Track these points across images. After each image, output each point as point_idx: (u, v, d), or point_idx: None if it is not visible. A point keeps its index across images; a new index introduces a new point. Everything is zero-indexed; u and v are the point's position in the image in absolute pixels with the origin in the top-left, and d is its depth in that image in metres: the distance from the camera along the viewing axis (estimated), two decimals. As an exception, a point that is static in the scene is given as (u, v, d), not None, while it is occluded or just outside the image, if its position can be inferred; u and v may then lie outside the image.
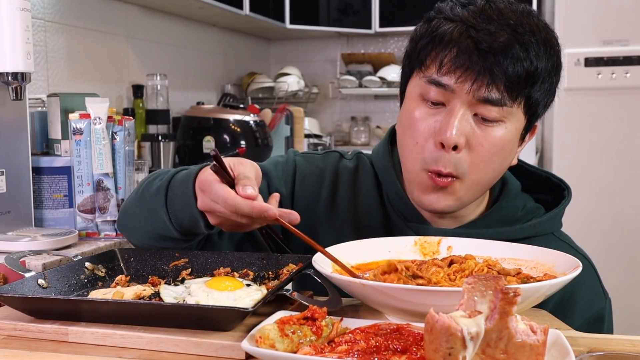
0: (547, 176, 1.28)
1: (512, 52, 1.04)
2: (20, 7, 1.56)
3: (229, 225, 1.01)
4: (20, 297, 0.89)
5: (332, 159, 1.32)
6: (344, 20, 4.27)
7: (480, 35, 1.04)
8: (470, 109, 1.07)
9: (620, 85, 3.45)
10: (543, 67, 1.07)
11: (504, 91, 1.05)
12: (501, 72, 1.04)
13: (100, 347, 0.84)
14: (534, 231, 1.18)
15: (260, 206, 0.95)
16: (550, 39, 1.09)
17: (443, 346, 0.64)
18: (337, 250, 1.02)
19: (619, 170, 3.48)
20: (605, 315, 1.18)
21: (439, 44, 1.08)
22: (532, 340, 0.66)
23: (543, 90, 1.09)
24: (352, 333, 0.76)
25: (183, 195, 1.06)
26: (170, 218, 1.08)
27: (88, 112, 1.71)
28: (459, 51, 1.05)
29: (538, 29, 1.08)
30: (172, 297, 0.94)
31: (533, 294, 0.83)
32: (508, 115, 1.08)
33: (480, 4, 1.09)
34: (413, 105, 1.12)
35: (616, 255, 3.45)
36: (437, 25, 1.09)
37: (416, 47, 1.12)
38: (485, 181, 1.13)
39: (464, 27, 1.06)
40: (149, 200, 1.12)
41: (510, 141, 1.10)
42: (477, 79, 1.04)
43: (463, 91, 1.06)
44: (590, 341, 0.85)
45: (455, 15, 1.08)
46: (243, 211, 0.95)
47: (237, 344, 0.79)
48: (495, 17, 1.06)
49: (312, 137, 4.15)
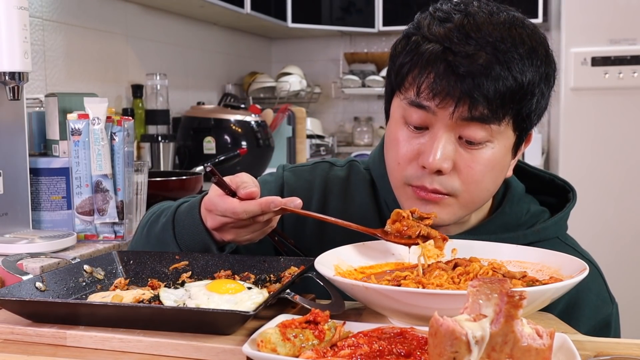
0: (551, 178, 1.27)
1: (493, 73, 0.99)
2: (18, 6, 1.55)
3: (242, 237, 1.04)
4: (18, 301, 0.88)
5: (320, 170, 1.30)
6: (347, 18, 4.26)
7: (458, 59, 1.00)
8: (454, 132, 1.04)
9: (628, 85, 3.44)
10: (530, 81, 1.03)
11: (488, 113, 1.01)
12: (482, 95, 1.00)
13: (99, 351, 0.83)
14: (538, 237, 1.16)
15: (266, 199, 0.99)
16: (536, 48, 1.05)
17: (447, 350, 0.63)
18: (339, 253, 1.01)
19: (626, 171, 3.47)
20: (612, 322, 1.17)
21: (417, 65, 1.04)
22: (538, 344, 0.65)
23: (533, 103, 1.06)
24: (355, 337, 0.76)
25: (190, 224, 1.10)
26: (181, 249, 1.11)
27: (86, 113, 1.70)
28: (436, 76, 1.01)
29: (522, 40, 1.03)
30: (172, 300, 0.93)
31: (539, 297, 0.82)
32: (495, 135, 1.05)
33: (459, 19, 1.03)
34: (396, 127, 1.10)
35: (623, 258, 3.44)
36: (415, 45, 1.05)
37: (395, 65, 1.09)
38: (480, 199, 1.11)
39: (440, 49, 1.02)
40: (158, 236, 1.15)
41: (500, 160, 1.08)
42: (457, 104, 1.01)
43: (445, 116, 1.02)
44: (597, 345, 0.84)
45: (433, 35, 1.04)
46: (253, 211, 0.99)
47: (238, 348, 0.78)
48: (474, 35, 1.01)
49: (315, 138, 4.15)
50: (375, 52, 4.49)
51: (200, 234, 1.08)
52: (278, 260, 1.07)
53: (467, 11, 1.05)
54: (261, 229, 1.05)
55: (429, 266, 0.99)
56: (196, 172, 2.42)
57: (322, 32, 4.36)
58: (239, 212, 0.99)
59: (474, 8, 1.05)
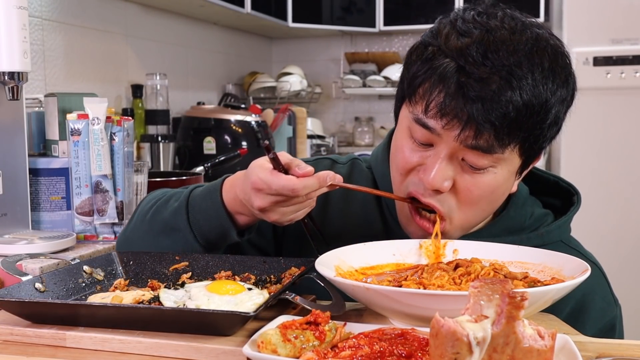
0: (556, 180, 1.25)
1: (504, 99, 0.96)
2: (17, 5, 1.54)
3: (287, 217, 1.02)
4: (17, 302, 0.88)
5: (323, 167, 1.28)
6: (348, 18, 4.26)
7: (470, 82, 0.97)
8: (458, 154, 1.02)
9: (630, 85, 3.43)
10: (543, 104, 0.99)
11: (494, 140, 0.99)
12: (489, 122, 0.97)
13: (98, 353, 0.83)
14: (542, 241, 1.15)
15: (323, 174, 0.99)
16: (555, 69, 1.01)
17: (449, 351, 0.63)
18: (340, 254, 1.01)
19: (628, 172, 3.46)
20: (616, 324, 1.16)
21: (429, 79, 1.02)
22: (539, 346, 0.65)
23: (545, 128, 1.03)
24: (355, 338, 0.76)
25: (209, 208, 1.08)
26: (195, 234, 1.10)
27: (86, 113, 1.70)
28: (446, 95, 0.99)
29: (541, 63, 0.99)
30: (172, 301, 0.93)
31: (540, 298, 0.82)
32: (499, 161, 1.03)
33: (478, 36, 0.99)
34: (402, 137, 1.09)
35: (627, 260, 3.43)
36: (431, 55, 1.02)
37: (408, 73, 1.07)
38: (476, 220, 1.11)
39: (454, 67, 0.99)
40: (166, 222, 1.13)
41: (501, 184, 1.06)
42: (464, 128, 0.98)
43: (450, 137, 1.00)
44: (599, 346, 0.84)
45: (449, 48, 1.01)
46: (312, 186, 0.98)
47: (238, 349, 0.78)
48: (490, 56, 0.97)
49: (315, 138, 4.14)
50: (376, 51, 4.48)
51: (220, 218, 1.06)
52: (278, 261, 1.06)
53: (488, 26, 1.01)
54: (304, 208, 1.03)
55: (430, 267, 0.99)
56: (196, 173, 2.42)
57: (322, 31, 4.36)
58: (299, 189, 0.97)
59: (496, 23, 1.01)
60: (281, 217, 1.01)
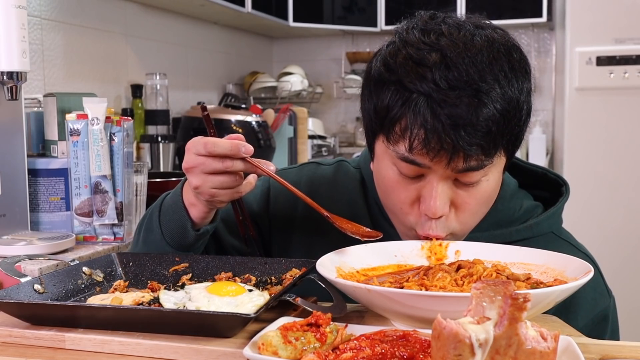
0: (544, 172, 1.26)
1: (482, 119, 0.96)
2: (16, 5, 1.54)
3: (207, 187, 1.03)
4: (16, 303, 0.88)
5: (307, 171, 1.29)
6: (349, 17, 4.26)
7: (445, 112, 0.96)
8: (450, 176, 1.02)
9: (633, 84, 3.43)
10: (516, 102, 1.00)
11: (482, 156, 1.00)
12: (475, 144, 0.97)
13: (98, 354, 0.83)
14: (531, 233, 1.15)
15: (237, 141, 1.03)
16: (515, 66, 1.01)
17: (451, 353, 0.62)
18: (341, 255, 1.00)
19: (631, 172, 3.46)
20: (609, 315, 1.16)
21: (404, 116, 0.99)
22: (542, 347, 0.65)
23: (522, 121, 1.04)
24: (357, 340, 0.76)
25: (173, 203, 1.12)
26: (162, 232, 1.12)
27: (85, 113, 1.69)
28: (426, 131, 0.97)
29: (501, 67, 0.99)
30: (172, 302, 0.93)
31: (543, 299, 0.81)
32: (489, 169, 1.03)
33: (433, 61, 0.98)
34: (390, 174, 1.06)
35: (629, 259, 3.43)
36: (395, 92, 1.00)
37: (375, 108, 1.04)
38: (475, 224, 1.11)
39: (424, 101, 0.97)
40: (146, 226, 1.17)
41: (494, 187, 1.07)
42: (452, 156, 0.98)
43: (440, 166, 1.00)
44: (601, 348, 0.83)
45: (412, 82, 0.98)
46: (223, 146, 1.01)
47: (238, 351, 0.78)
48: (452, 77, 0.96)
49: (316, 138, 4.14)
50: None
51: (178, 211, 1.10)
52: (279, 262, 1.06)
53: (438, 46, 0.99)
54: (229, 185, 1.04)
55: (431, 268, 0.99)
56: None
57: (323, 31, 4.36)
58: (209, 143, 1.01)
59: (445, 40, 1.00)
60: (203, 184, 1.03)
